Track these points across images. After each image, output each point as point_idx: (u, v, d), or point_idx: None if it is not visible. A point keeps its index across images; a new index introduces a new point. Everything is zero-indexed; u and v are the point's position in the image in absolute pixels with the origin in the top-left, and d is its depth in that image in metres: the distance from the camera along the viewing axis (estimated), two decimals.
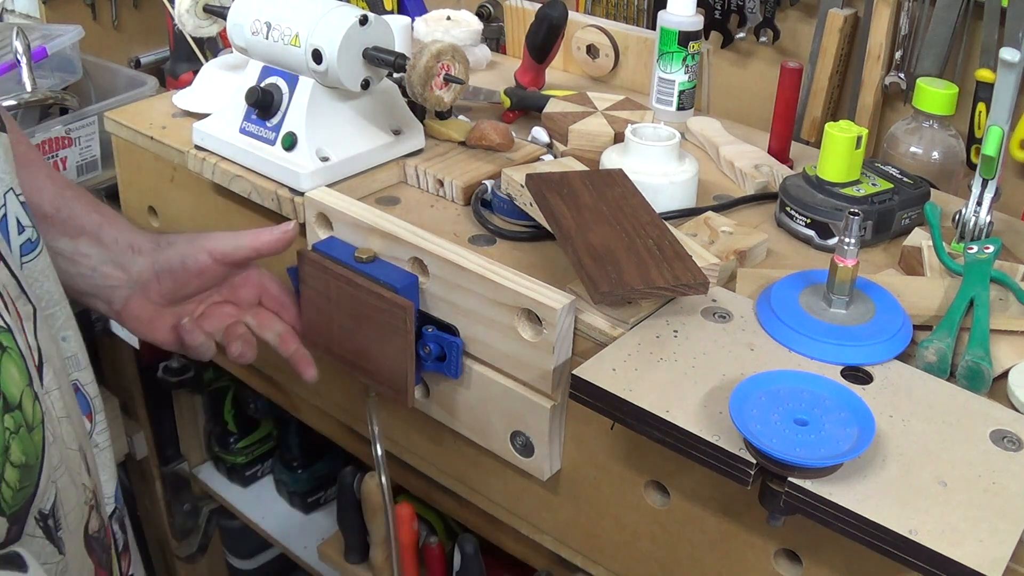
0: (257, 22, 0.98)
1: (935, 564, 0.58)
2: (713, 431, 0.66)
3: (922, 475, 0.63)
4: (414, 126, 1.04)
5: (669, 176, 0.96)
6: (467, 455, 0.94)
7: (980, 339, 0.74)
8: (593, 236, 0.81)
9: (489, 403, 0.86)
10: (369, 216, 0.88)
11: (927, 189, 0.95)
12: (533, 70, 1.23)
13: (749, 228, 0.92)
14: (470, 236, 0.92)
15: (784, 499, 0.64)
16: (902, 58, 1.22)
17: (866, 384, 0.71)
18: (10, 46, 1.38)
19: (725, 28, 1.34)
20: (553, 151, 1.08)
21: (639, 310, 0.78)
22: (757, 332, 0.76)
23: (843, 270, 0.75)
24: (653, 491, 0.82)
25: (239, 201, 1.04)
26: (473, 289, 0.81)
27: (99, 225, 0.83)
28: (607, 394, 0.70)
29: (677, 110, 1.18)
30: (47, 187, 0.82)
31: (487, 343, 0.83)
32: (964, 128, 1.16)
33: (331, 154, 0.97)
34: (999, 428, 0.67)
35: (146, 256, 0.84)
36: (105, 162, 1.41)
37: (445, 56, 0.93)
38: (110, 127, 1.18)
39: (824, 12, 1.26)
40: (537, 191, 0.87)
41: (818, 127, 1.28)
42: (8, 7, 1.66)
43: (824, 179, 0.92)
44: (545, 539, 0.94)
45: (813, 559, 0.74)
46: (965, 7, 1.16)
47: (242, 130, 1.01)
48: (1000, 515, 0.60)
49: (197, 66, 1.24)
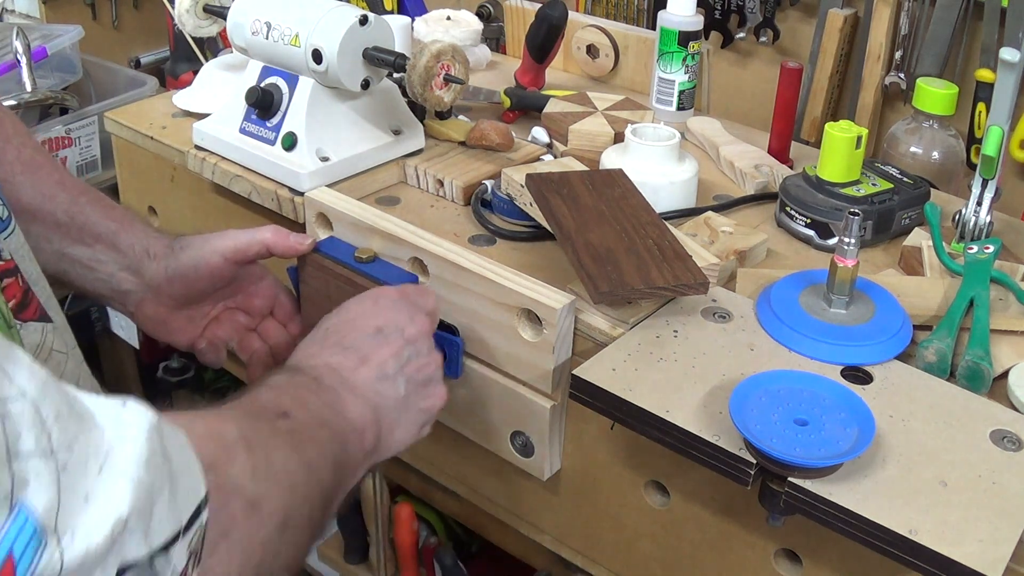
0: (257, 22, 0.98)
1: (935, 564, 0.58)
2: (713, 431, 0.66)
3: (922, 475, 0.63)
4: (414, 126, 1.04)
5: (669, 176, 0.96)
6: (467, 455, 0.94)
7: (980, 339, 0.74)
8: (593, 236, 0.81)
9: (489, 403, 0.86)
10: (369, 216, 0.88)
11: (927, 189, 0.95)
12: (533, 70, 1.23)
13: (749, 228, 0.92)
14: (470, 236, 0.92)
15: (784, 499, 0.64)
16: (902, 58, 1.22)
17: (866, 384, 0.71)
18: (10, 46, 1.38)
19: (725, 28, 1.34)
20: (553, 151, 1.08)
21: (639, 310, 0.78)
22: (757, 332, 0.76)
23: (843, 270, 0.75)
24: (653, 491, 0.82)
25: (239, 201, 1.04)
26: (473, 289, 0.81)
27: (115, 232, 0.83)
28: (607, 394, 0.70)
29: (677, 110, 1.18)
30: (59, 195, 0.82)
31: (487, 343, 0.83)
32: (964, 128, 1.16)
33: (331, 154, 0.97)
34: (999, 428, 0.67)
35: (160, 261, 0.84)
36: (105, 162, 1.41)
37: (445, 56, 0.93)
38: (110, 127, 1.18)
39: (824, 12, 1.26)
40: (537, 191, 0.87)
41: (818, 127, 1.28)
42: (8, 7, 1.66)
43: (824, 179, 0.92)
44: (545, 539, 0.94)
45: (813, 559, 0.74)
46: (965, 7, 1.16)
47: (242, 130, 1.01)
48: (1000, 515, 0.60)
49: (197, 66, 1.24)
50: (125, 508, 0.40)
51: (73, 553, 0.38)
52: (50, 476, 0.38)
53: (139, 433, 0.42)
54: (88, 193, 0.85)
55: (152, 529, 0.42)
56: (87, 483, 0.39)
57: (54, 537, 0.37)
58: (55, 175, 0.83)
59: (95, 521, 0.39)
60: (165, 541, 0.43)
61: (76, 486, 0.39)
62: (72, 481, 0.39)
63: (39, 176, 0.81)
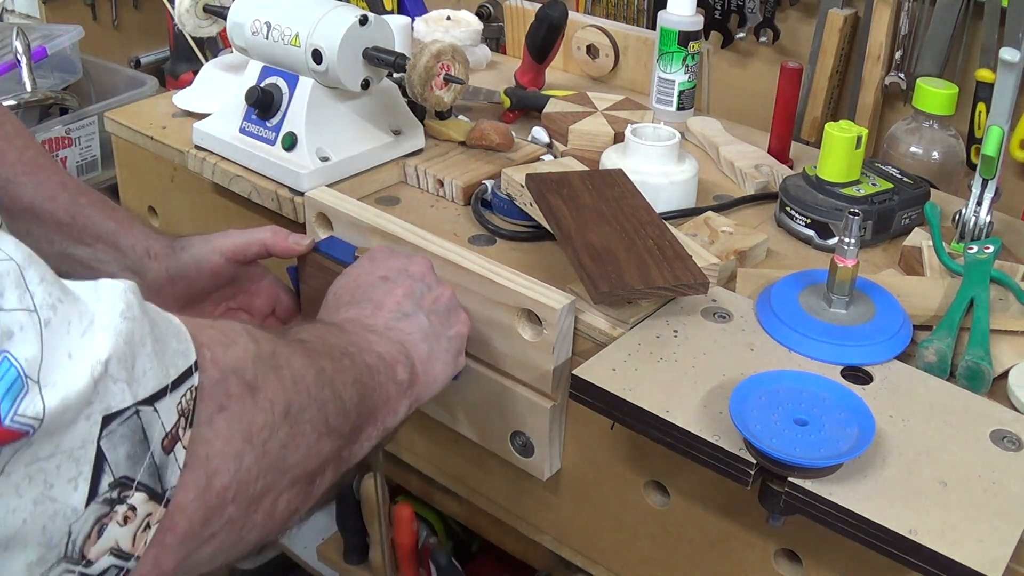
0: (257, 22, 0.98)
1: (935, 564, 0.58)
2: (713, 431, 0.66)
3: (922, 475, 0.63)
4: (414, 126, 1.04)
5: (669, 176, 0.96)
6: (467, 455, 0.94)
7: (980, 339, 0.74)
8: (593, 236, 0.81)
9: (489, 403, 0.86)
10: (369, 216, 0.88)
11: (927, 189, 0.95)
12: (533, 70, 1.23)
13: (749, 228, 0.92)
14: (470, 236, 0.92)
15: (784, 499, 0.64)
16: (902, 58, 1.22)
17: (866, 384, 0.71)
18: (10, 46, 1.38)
19: (725, 28, 1.34)
20: (553, 151, 1.08)
21: (639, 310, 0.78)
22: (757, 332, 0.76)
23: (843, 270, 0.75)
24: (653, 491, 0.82)
25: (239, 201, 1.04)
26: (473, 289, 0.81)
27: (116, 232, 0.84)
28: (607, 394, 0.70)
29: (677, 110, 1.18)
30: (60, 195, 0.82)
31: (487, 343, 0.83)
32: (964, 128, 1.16)
33: (331, 154, 0.97)
34: (999, 428, 0.67)
35: (161, 262, 0.85)
36: (105, 162, 1.41)
37: (445, 56, 0.93)
38: (110, 127, 1.18)
39: (824, 12, 1.26)
40: (537, 191, 0.87)
41: (818, 127, 1.28)
42: (8, 7, 1.66)
43: (824, 179, 0.92)
44: (545, 539, 0.94)
45: (813, 559, 0.74)
46: (965, 7, 1.16)
47: (242, 130, 1.01)
48: (1000, 515, 0.60)
49: (197, 66, 1.24)
50: (104, 352, 0.41)
51: (55, 398, 0.39)
52: (33, 330, 0.39)
53: (114, 291, 0.44)
54: (89, 194, 0.85)
55: (135, 379, 0.43)
56: (70, 342, 0.41)
57: (36, 385, 0.38)
58: (56, 176, 0.83)
59: (76, 371, 0.40)
60: (151, 393, 0.44)
61: (59, 343, 0.40)
62: (55, 339, 0.40)
63: (41, 177, 0.82)
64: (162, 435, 0.44)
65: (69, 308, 0.41)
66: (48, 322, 0.40)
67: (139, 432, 0.43)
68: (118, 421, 0.42)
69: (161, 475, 0.44)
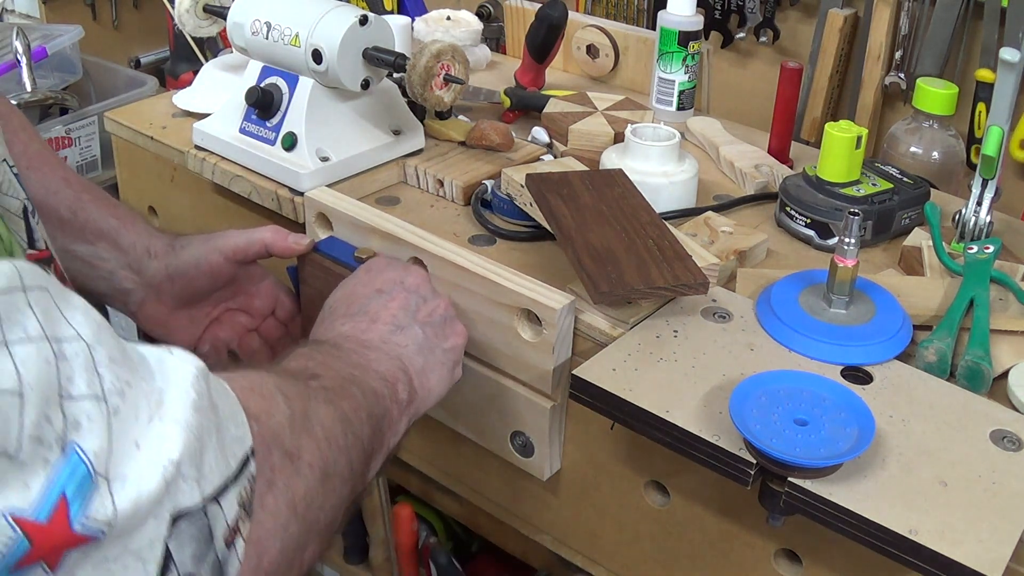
0: (257, 22, 0.98)
1: (935, 564, 0.58)
2: (713, 431, 0.66)
3: (922, 475, 0.63)
4: (414, 126, 1.04)
5: (669, 176, 0.96)
6: (467, 455, 0.94)
7: (980, 339, 0.74)
8: (593, 236, 0.81)
9: (489, 403, 0.85)
10: (369, 216, 0.88)
11: (927, 189, 0.95)
12: (533, 70, 1.23)
13: (749, 228, 0.92)
14: (470, 236, 0.92)
15: (784, 499, 0.64)
16: (902, 58, 1.22)
17: (866, 384, 0.71)
18: (10, 46, 1.38)
19: (725, 28, 1.34)
20: (553, 151, 1.08)
21: (639, 310, 0.78)
22: (757, 332, 0.76)
23: (843, 270, 0.75)
24: (653, 491, 0.82)
25: (239, 201, 1.04)
26: (473, 289, 0.81)
27: (116, 230, 0.84)
28: (607, 394, 0.70)
29: (677, 110, 1.18)
30: (63, 191, 0.82)
31: (487, 343, 0.83)
32: (964, 128, 1.16)
33: (331, 154, 0.97)
34: (999, 428, 0.67)
35: (160, 260, 0.85)
36: (105, 162, 1.41)
37: (445, 56, 0.93)
38: (110, 127, 1.18)
39: (824, 12, 1.26)
40: (537, 191, 0.87)
41: (818, 127, 1.28)
42: (8, 7, 1.66)
43: (824, 179, 0.92)
44: (545, 539, 0.94)
45: (813, 559, 0.74)
46: (965, 7, 1.16)
47: (242, 130, 1.01)
48: (1000, 515, 0.60)
49: (197, 66, 1.24)
50: (176, 451, 0.40)
51: (125, 499, 0.37)
52: (102, 420, 0.37)
53: (186, 378, 0.42)
54: (91, 191, 0.85)
55: (204, 476, 0.41)
56: (137, 430, 0.39)
57: (105, 482, 0.36)
58: (59, 171, 0.83)
59: (147, 467, 0.38)
60: (216, 489, 0.42)
61: (127, 432, 0.38)
62: (123, 427, 0.38)
63: (44, 171, 0.82)
64: (224, 530, 0.43)
65: (136, 392, 0.40)
66: (117, 410, 0.38)
67: (205, 530, 0.42)
68: (186, 520, 0.41)
69: (223, 569, 0.43)
